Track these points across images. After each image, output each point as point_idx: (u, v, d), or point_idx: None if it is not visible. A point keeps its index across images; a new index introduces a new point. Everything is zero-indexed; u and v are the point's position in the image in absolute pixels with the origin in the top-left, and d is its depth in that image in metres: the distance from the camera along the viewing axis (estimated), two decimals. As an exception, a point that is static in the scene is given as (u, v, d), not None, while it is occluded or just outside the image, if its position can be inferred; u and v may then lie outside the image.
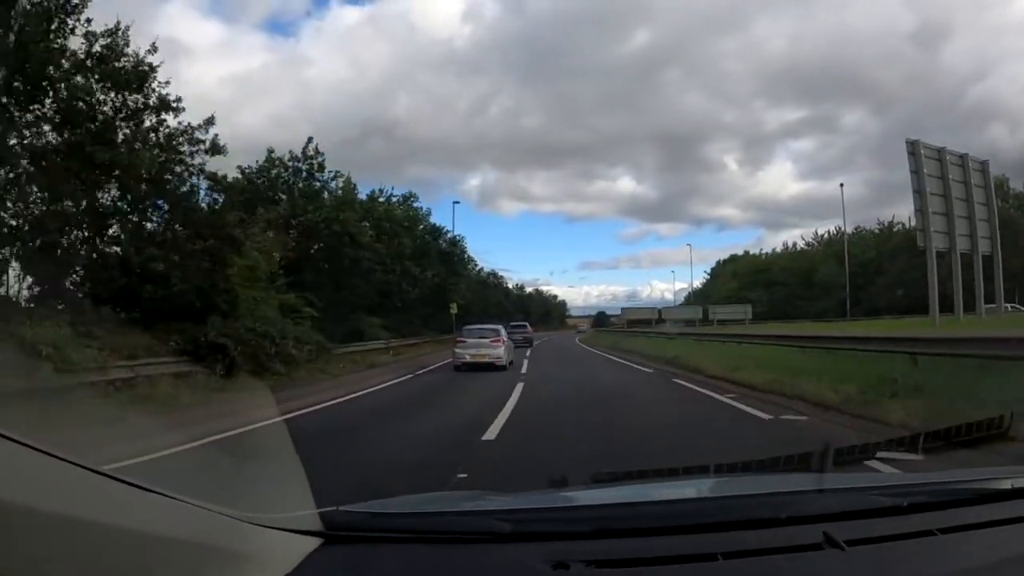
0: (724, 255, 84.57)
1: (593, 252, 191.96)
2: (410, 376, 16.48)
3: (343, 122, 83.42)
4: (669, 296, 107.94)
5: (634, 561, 1.19)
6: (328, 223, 24.66)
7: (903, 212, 52.80)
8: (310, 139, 26.59)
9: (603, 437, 7.06)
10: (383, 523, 1.36)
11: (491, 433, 7.26)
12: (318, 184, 26.72)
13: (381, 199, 33.92)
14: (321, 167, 26.55)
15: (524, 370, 17.56)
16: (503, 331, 20.17)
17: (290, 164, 26.03)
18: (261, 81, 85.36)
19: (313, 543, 1.21)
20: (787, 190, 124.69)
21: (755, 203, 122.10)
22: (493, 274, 67.85)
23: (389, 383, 14.59)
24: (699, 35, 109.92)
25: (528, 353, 25.41)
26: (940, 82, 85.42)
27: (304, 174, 26.26)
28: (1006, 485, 1.48)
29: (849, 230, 60.13)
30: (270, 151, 25.69)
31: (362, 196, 30.45)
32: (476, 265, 57.62)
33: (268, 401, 9.56)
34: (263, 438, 6.85)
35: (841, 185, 63.72)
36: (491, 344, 18.25)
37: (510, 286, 78.01)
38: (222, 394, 11.39)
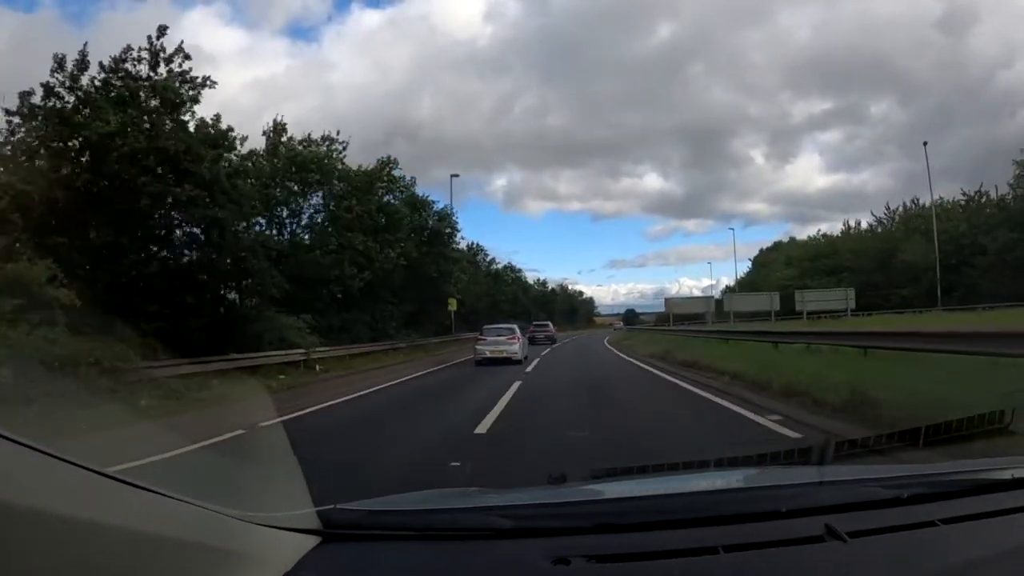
0: (753, 251, 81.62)
1: (620, 250, 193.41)
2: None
3: (367, 125, 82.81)
4: (698, 292, 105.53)
5: (635, 556, 1.19)
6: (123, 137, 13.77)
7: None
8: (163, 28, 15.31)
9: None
10: (381, 521, 1.35)
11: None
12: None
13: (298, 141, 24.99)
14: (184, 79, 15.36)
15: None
16: (518, 330, 22.11)
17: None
18: (284, 86, 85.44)
19: (311, 541, 1.21)
20: (814, 183, 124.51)
21: (782, 197, 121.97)
22: (510, 267, 63.24)
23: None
24: (723, 27, 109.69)
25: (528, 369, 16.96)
26: (968, 69, 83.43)
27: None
28: (1006, 475, 1.48)
29: (876, 221, 52.84)
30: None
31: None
32: (487, 255, 53.78)
33: None
34: None
35: (925, 144, 50.15)
36: (508, 341, 19.97)
37: (530, 281, 72.80)
38: None
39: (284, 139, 24.76)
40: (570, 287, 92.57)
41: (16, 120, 14.14)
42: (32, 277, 9.85)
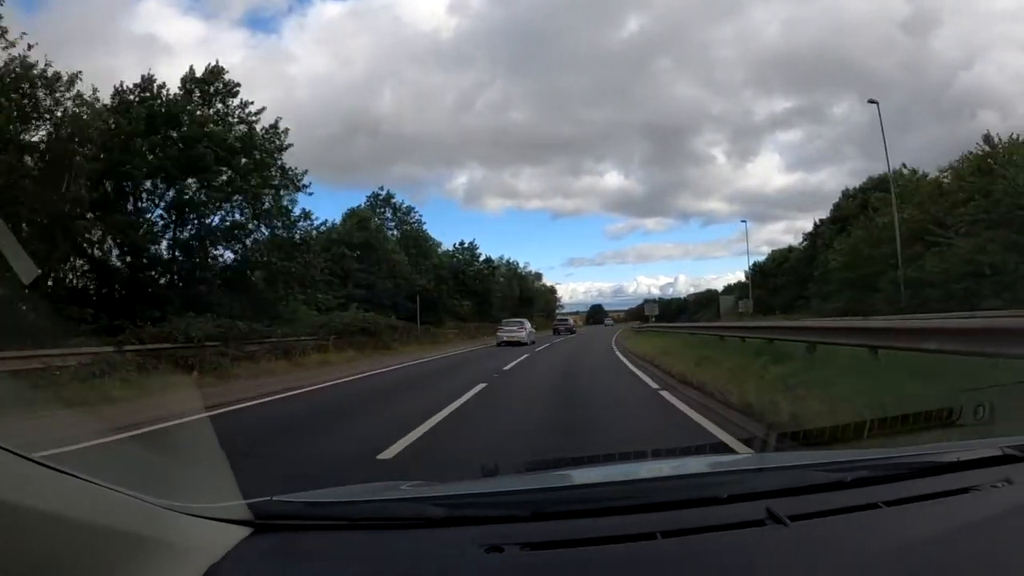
0: (710, 249, 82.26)
1: (580, 248, 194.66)
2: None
3: (327, 119, 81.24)
4: (655, 291, 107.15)
5: (570, 542, 1.17)
6: None
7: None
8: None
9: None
10: (315, 512, 1.34)
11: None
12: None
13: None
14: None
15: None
16: (527, 323, 32.92)
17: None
18: (240, 77, 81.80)
19: (243, 532, 1.19)
20: (773, 182, 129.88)
21: (741, 196, 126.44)
22: (469, 248, 58.27)
23: None
24: (691, 20, 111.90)
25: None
26: (929, 70, 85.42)
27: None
28: (951, 458, 1.48)
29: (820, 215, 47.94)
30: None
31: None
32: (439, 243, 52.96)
33: None
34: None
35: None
36: (518, 331, 30.55)
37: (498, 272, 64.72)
38: None
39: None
40: (523, 269, 76.31)
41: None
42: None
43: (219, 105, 23.51)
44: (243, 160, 23.04)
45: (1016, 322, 7.87)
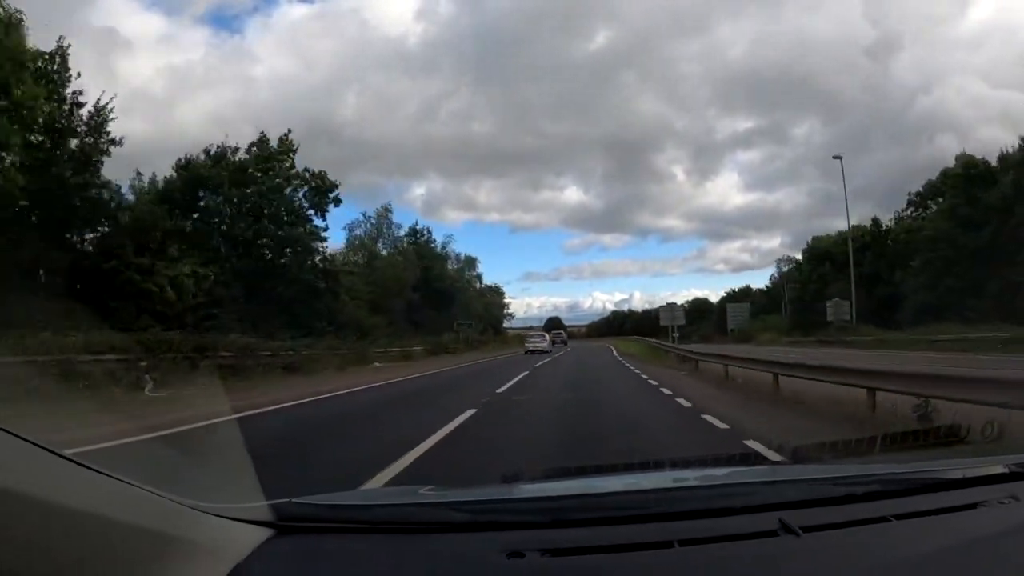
0: (667, 266, 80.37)
1: (537, 263, 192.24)
2: None
3: (287, 122, 74.78)
4: (610, 306, 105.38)
5: (590, 549, 1.18)
6: None
7: (844, 224, 43.81)
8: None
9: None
10: (336, 515, 1.35)
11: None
12: None
13: None
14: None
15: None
16: (547, 335, 43.58)
17: None
18: (201, 77, 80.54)
19: (265, 533, 1.20)
20: (732, 201, 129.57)
21: (699, 214, 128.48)
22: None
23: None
24: (657, 36, 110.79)
25: None
26: (890, 94, 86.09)
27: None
28: (958, 475, 1.50)
29: (789, 239, 44.76)
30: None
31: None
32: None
33: None
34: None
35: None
36: (540, 341, 41.76)
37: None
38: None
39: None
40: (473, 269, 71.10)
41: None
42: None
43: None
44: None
45: None
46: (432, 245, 55.41)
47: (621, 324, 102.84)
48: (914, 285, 39.06)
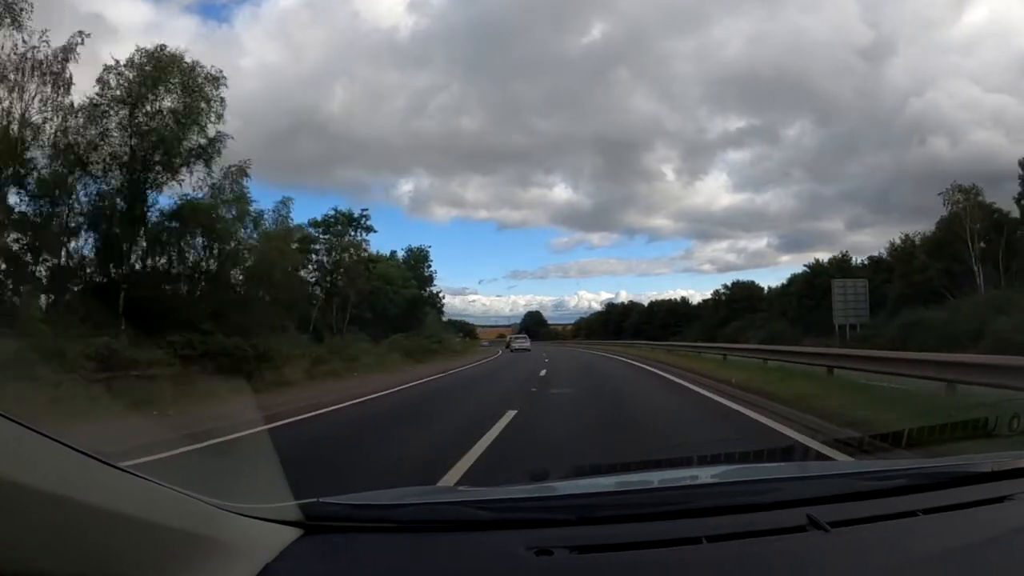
0: (654, 266, 74.77)
1: (523, 261, 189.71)
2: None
3: (272, 114, 72.81)
4: (597, 306, 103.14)
5: (618, 546, 1.18)
6: None
7: (831, 226, 38.81)
8: None
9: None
10: (363, 514, 1.35)
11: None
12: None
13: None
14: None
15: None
16: (528, 338, 52.70)
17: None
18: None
19: (294, 533, 1.21)
20: (720, 201, 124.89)
21: (687, 214, 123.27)
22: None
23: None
24: (653, 32, 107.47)
25: None
26: (882, 95, 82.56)
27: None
28: (986, 468, 1.50)
29: (776, 241, 41.47)
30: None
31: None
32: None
33: None
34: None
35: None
36: (523, 342, 49.52)
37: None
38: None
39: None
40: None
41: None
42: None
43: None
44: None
45: None
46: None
47: (620, 324, 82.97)
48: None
